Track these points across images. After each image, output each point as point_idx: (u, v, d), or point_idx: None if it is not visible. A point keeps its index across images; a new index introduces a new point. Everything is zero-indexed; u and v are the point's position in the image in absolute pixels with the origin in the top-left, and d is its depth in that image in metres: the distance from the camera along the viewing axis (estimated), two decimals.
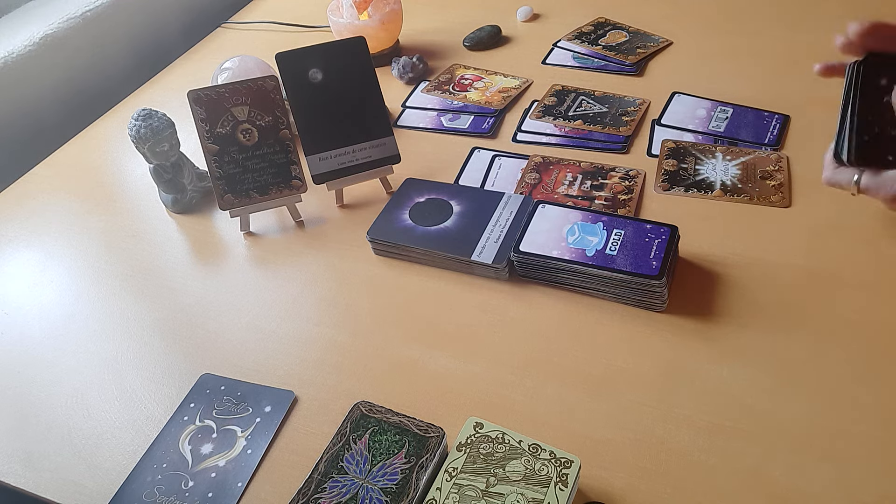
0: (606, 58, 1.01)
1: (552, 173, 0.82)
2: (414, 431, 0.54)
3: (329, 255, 0.76)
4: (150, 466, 0.58)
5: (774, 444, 0.54)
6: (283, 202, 0.79)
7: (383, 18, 1.02)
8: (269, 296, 0.73)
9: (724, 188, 0.77)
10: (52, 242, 0.83)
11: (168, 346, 0.69)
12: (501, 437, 0.52)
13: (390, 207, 0.77)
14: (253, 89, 0.77)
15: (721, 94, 0.90)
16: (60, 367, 0.68)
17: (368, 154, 0.80)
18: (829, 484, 0.52)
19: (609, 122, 0.88)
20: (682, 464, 0.54)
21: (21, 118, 1.00)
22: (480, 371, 0.63)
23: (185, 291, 0.75)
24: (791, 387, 0.58)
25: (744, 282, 0.67)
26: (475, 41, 1.07)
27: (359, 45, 0.79)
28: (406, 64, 1.01)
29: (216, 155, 0.77)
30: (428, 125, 0.93)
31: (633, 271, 0.64)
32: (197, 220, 0.84)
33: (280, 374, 0.65)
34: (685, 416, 0.57)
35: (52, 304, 0.75)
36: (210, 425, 0.61)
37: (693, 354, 0.61)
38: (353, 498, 0.51)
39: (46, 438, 0.62)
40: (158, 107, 0.83)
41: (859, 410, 0.56)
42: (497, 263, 0.69)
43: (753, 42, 1.00)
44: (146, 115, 0.78)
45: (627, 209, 0.76)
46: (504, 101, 0.95)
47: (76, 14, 1.06)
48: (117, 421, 0.63)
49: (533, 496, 0.49)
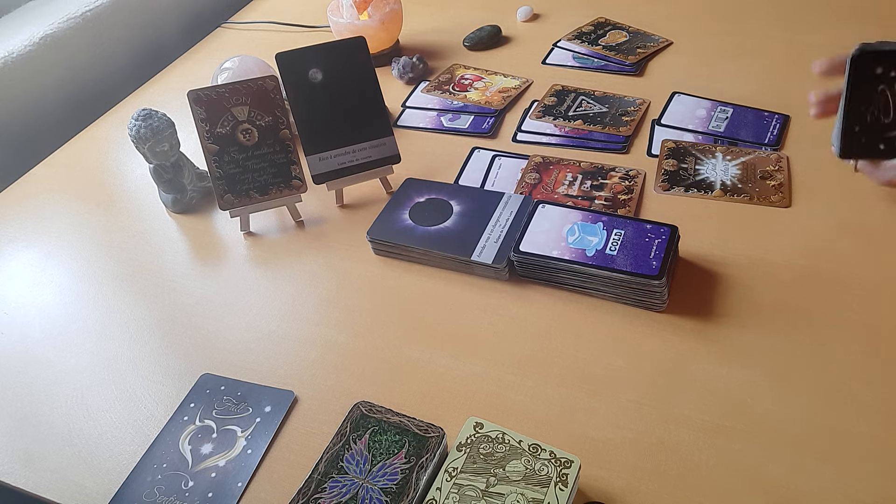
0: (606, 58, 1.01)
1: (552, 173, 0.82)
2: (414, 431, 0.54)
3: (329, 255, 0.76)
4: (150, 466, 0.58)
5: (774, 444, 0.54)
6: (283, 202, 0.79)
7: (383, 18, 1.02)
8: (269, 296, 0.73)
9: (724, 188, 0.77)
10: (52, 242, 0.83)
11: (168, 346, 0.69)
12: (501, 437, 0.52)
13: (390, 207, 0.77)
14: (253, 89, 0.77)
15: (721, 94, 0.90)
16: (60, 367, 0.68)
17: (368, 154, 0.80)
18: (829, 484, 0.52)
19: (609, 122, 0.88)
20: (682, 464, 0.54)
21: (21, 118, 1.00)
22: (480, 371, 0.63)
23: (185, 291, 0.75)
24: (791, 387, 0.58)
25: (744, 282, 0.67)
26: (475, 41, 1.07)
27: (359, 45, 0.79)
28: (406, 64, 1.01)
29: (216, 155, 0.77)
30: (428, 125, 0.93)
31: (633, 271, 0.64)
32: (197, 220, 0.84)
33: (280, 374, 0.65)
34: (685, 416, 0.57)
35: (52, 304, 0.75)
36: (210, 425, 0.61)
37: (693, 354, 0.61)
38: (353, 498, 0.51)
39: (46, 438, 0.62)
40: (158, 107, 0.83)
41: (859, 410, 0.56)
42: (497, 263, 0.69)
43: (753, 42, 1.00)
44: (146, 115, 0.78)
45: (627, 209, 0.76)
46: (504, 101, 0.95)
47: (76, 14, 1.06)
48: (117, 421, 0.63)
49: (533, 496, 0.49)
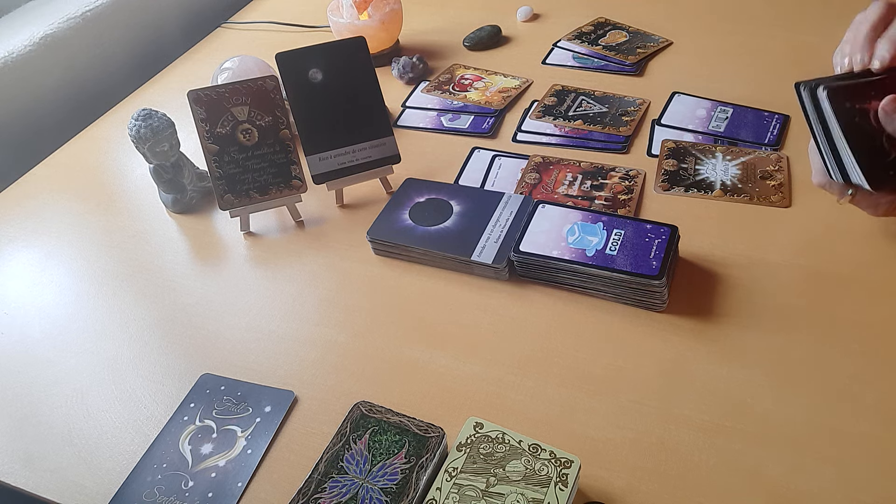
0: (606, 58, 1.01)
1: (552, 173, 0.82)
2: (414, 431, 0.54)
3: (329, 255, 0.76)
4: (150, 466, 0.58)
5: (774, 444, 0.54)
6: (283, 202, 0.79)
7: (383, 18, 1.02)
8: (269, 296, 0.73)
9: (724, 188, 0.77)
10: (52, 242, 0.83)
11: (168, 346, 0.69)
12: (501, 437, 0.52)
13: (390, 207, 0.77)
14: (253, 89, 0.77)
15: (721, 94, 0.90)
16: (60, 367, 0.68)
17: (368, 154, 0.80)
18: (829, 484, 0.52)
19: (609, 122, 0.88)
20: (682, 464, 0.54)
21: (21, 118, 1.00)
22: (480, 371, 0.63)
23: (185, 291, 0.75)
24: (791, 387, 0.58)
25: (744, 282, 0.67)
26: (475, 41, 1.07)
27: (359, 45, 0.79)
28: (406, 64, 1.01)
29: (216, 155, 0.77)
30: (428, 125, 0.93)
31: (633, 271, 0.64)
32: (197, 220, 0.84)
33: (280, 374, 0.65)
34: (685, 416, 0.57)
35: (52, 304, 0.75)
36: (210, 425, 0.61)
37: (693, 354, 0.61)
38: (353, 498, 0.51)
39: (46, 438, 0.62)
40: (158, 107, 0.83)
41: (859, 410, 0.56)
42: (497, 263, 0.69)
43: (753, 42, 1.00)
44: (146, 115, 0.78)
45: (627, 209, 0.76)
46: (504, 101, 0.95)
47: (76, 14, 1.06)
48: (117, 421, 0.63)
49: (533, 496, 0.49)
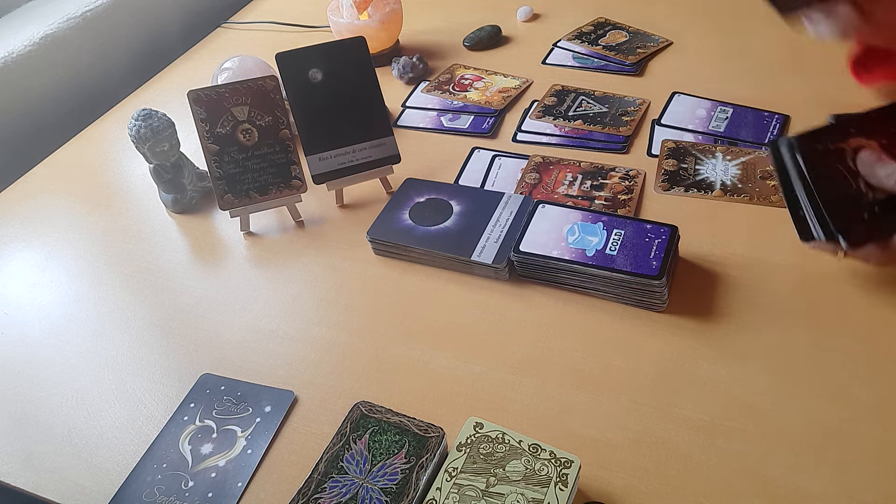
0: (606, 58, 1.01)
1: (552, 173, 0.82)
2: (414, 431, 0.54)
3: (329, 255, 0.76)
4: (150, 466, 0.58)
5: (774, 444, 0.54)
6: (283, 202, 0.79)
7: (383, 18, 1.02)
8: (269, 296, 0.73)
9: (724, 188, 0.77)
10: (52, 242, 0.83)
11: (168, 346, 0.69)
12: (501, 437, 0.52)
13: (390, 207, 0.77)
14: (253, 89, 0.77)
15: (721, 94, 0.90)
16: (60, 367, 0.68)
17: (368, 154, 0.80)
18: (829, 484, 0.52)
19: (609, 122, 0.88)
20: (682, 464, 0.54)
21: (21, 118, 1.00)
22: (480, 371, 0.63)
23: (185, 291, 0.75)
24: (791, 387, 0.58)
25: (744, 282, 0.67)
26: (475, 41, 1.07)
27: (359, 45, 0.79)
28: (406, 64, 1.01)
29: (216, 155, 0.77)
30: (428, 125, 0.93)
31: (633, 271, 0.64)
32: (197, 220, 0.84)
33: (280, 374, 0.65)
34: (685, 416, 0.57)
35: (52, 304, 0.75)
36: (210, 425, 0.61)
37: (693, 354, 0.61)
38: (353, 498, 0.51)
39: (46, 438, 0.62)
40: (158, 107, 0.83)
41: (859, 410, 0.56)
42: (497, 263, 0.69)
43: (753, 42, 1.00)
44: (146, 115, 0.78)
45: (627, 209, 0.76)
46: (504, 101, 0.95)
47: (76, 14, 1.06)
48: (117, 421, 0.63)
49: (533, 496, 0.49)
